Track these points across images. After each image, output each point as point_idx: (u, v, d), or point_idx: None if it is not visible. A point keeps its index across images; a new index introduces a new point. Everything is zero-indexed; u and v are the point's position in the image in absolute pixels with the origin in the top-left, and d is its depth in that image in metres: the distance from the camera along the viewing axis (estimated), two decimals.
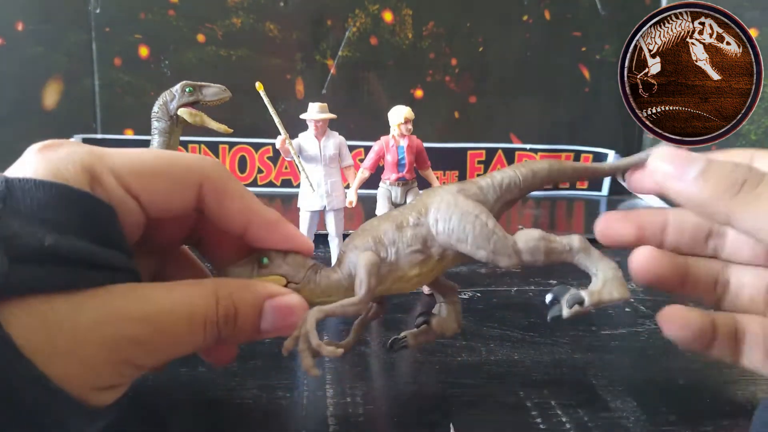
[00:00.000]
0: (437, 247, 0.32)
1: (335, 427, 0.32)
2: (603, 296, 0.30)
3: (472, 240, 0.31)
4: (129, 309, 0.24)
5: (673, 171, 0.30)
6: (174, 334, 0.26)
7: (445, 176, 0.99)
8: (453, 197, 0.32)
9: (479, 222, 0.31)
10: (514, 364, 0.39)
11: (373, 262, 0.31)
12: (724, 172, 0.29)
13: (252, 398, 0.34)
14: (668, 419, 0.33)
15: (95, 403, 0.24)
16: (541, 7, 0.99)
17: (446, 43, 0.98)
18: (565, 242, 0.31)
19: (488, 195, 0.33)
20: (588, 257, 0.31)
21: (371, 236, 0.32)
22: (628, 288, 0.31)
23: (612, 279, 0.31)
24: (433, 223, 0.32)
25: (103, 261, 0.24)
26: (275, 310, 0.29)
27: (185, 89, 0.49)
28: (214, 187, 0.29)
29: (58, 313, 0.22)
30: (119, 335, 0.23)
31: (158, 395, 0.34)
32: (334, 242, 0.56)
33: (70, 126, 0.92)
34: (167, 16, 0.92)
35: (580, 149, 1.02)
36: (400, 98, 0.81)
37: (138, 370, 0.25)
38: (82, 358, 0.22)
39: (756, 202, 0.28)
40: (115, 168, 0.26)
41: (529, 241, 0.31)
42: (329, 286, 0.31)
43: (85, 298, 0.23)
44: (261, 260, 0.30)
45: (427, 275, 0.32)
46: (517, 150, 1.01)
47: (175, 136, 0.50)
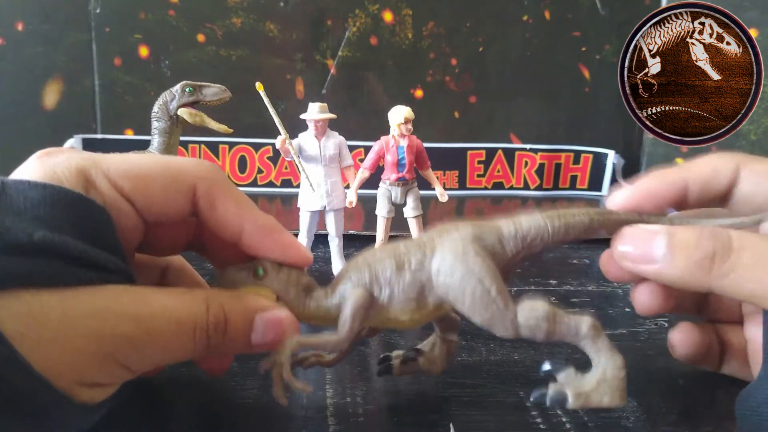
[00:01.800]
0: (434, 297, 0.30)
1: (335, 427, 0.32)
2: (592, 400, 0.28)
3: (469, 304, 0.29)
4: (118, 306, 0.24)
5: (639, 254, 0.30)
6: (162, 336, 0.26)
7: (445, 176, 0.99)
8: (463, 248, 0.29)
9: (480, 288, 0.28)
10: (514, 364, 0.39)
11: (361, 305, 0.29)
12: (691, 244, 0.29)
13: (252, 398, 0.34)
14: (668, 419, 0.33)
15: (81, 399, 0.24)
16: (541, 7, 0.99)
17: (446, 43, 0.98)
18: (572, 325, 0.28)
19: (507, 247, 0.30)
20: (593, 345, 0.29)
21: (369, 271, 0.30)
22: (625, 396, 0.28)
23: (610, 380, 0.28)
24: (435, 272, 0.29)
25: (95, 260, 0.24)
26: (266, 323, 0.28)
27: (185, 89, 0.49)
28: (207, 191, 0.29)
29: (45, 304, 0.22)
30: (106, 330, 0.24)
31: (158, 395, 0.34)
32: (334, 242, 0.56)
33: (70, 126, 0.92)
34: (167, 16, 0.92)
35: (580, 149, 1.02)
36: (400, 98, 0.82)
37: (126, 371, 0.25)
38: (66, 349, 0.23)
39: (732, 273, 0.28)
40: (110, 172, 0.27)
41: (530, 319, 0.28)
42: (317, 311, 0.30)
43: (75, 293, 0.23)
44: (257, 270, 0.30)
45: (421, 320, 0.31)
46: (517, 150, 1.01)
47: (175, 136, 0.50)
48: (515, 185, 1.02)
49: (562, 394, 0.28)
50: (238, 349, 0.29)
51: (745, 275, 0.28)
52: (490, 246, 0.30)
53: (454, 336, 0.35)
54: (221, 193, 0.29)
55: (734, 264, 0.28)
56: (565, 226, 0.30)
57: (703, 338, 0.36)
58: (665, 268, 0.29)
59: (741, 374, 0.37)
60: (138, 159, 0.29)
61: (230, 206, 0.29)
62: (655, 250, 0.29)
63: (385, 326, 0.31)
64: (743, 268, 0.28)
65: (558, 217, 0.30)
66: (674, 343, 0.37)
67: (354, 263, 0.31)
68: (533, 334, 0.28)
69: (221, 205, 0.29)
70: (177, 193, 0.29)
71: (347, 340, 0.29)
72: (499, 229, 0.30)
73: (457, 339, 0.35)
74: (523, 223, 0.30)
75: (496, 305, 0.28)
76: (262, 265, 0.30)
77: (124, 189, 0.27)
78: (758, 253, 0.28)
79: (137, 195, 0.27)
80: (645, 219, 0.31)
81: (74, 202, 0.25)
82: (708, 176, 0.32)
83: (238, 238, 0.30)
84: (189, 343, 0.27)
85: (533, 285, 0.55)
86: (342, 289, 0.30)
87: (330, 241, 0.57)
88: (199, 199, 0.29)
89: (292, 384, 0.28)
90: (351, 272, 0.30)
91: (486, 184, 1.01)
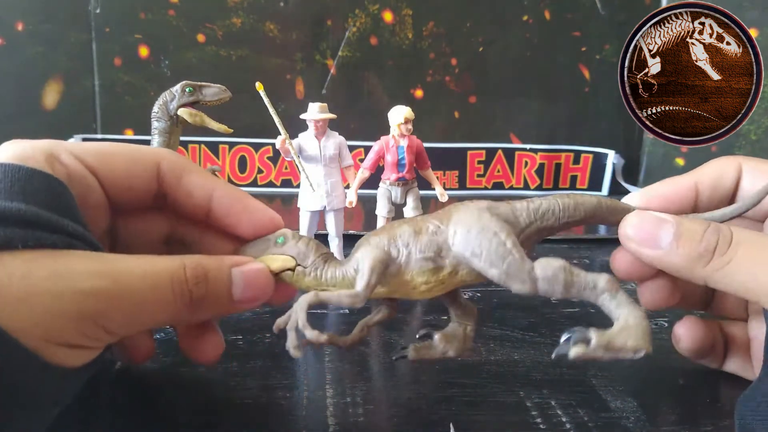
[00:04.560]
0: (451, 259, 0.31)
1: (335, 427, 0.32)
2: (615, 341, 0.28)
3: (486, 256, 0.29)
4: (86, 265, 0.25)
5: (646, 238, 0.31)
6: (137, 291, 0.26)
7: (445, 176, 0.99)
8: (478, 212, 0.31)
9: (497, 239, 0.29)
10: (514, 364, 0.39)
11: (380, 259, 0.30)
12: (696, 237, 0.30)
13: (252, 398, 0.34)
14: (668, 419, 0.33)
15: (60, 362, 0.24)
16: (541, 7, 0.99)
17: (446, 43, 0.98)
18: (589, 279, 0.29)
19: (520, 217, 0.31)
20: (613, 299, 0.29)
21: (387, 234, 0.31)
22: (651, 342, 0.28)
23: (634, 327, 0.28)
24: (452, 233, 0.30)
25: (54, 224, 0.25)
26: (244, 275, 0.29)
27: (185, 89, 0.49)
28: (172, 167, 0.31)
29: (8, 264, 0.23)
30: (75, 288, 0.24)
31: (158, 395, 0.34)
32: (334, 242, 0.56)
33: (70, 126, 0.92)
34: (167, 16, 0.92)
35: (580, 149, 1.02)
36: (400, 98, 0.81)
37: (105, 332, 0.25)
38: (33, 307, 0.23)
39: (727, 267, 0.29)
40: (74, 149, 0.29)
41: (547, 269, 0.29)
42: (334, 276, 0.31)
43: (37, 254, 0.24)
44: (277, 239, 0.31)
45: (435, 287, 0.31)
46: (517, 150, 1.01)
47: (174, 136, 0.50)
48: (515, 185, 1.02)
49: (586, 336, 0.28)
50: (222, 307, 0.29)
51: (737, 269, 0.29)
52: (502, 214, 0.31)
53: (471, 322, 0.34)
54: (186, 167, 0.31)
55: (729, 257, 0.29)
56: (574, 203, 0.32)
57: (707, 333, 0.37)
58: (668, 255, 0.30)
59: (743, 372, 0.37)
60: (104, 143, 0.31)
61: (195, 177, 0.31)
62: (662, 237, 0.30)
63: (401, 292, 0.32)
64: (736, 262, 0.29)
65: (567, 195, 0.32)
66: (679, 336, 0.37)
67: (371, 233, 0.32)
68: (551, 286, 0.29)
69: (186, 176, 0.31)
70: (141, 169, 0.30)
71: (364, 295, 0.30)
72: (512, 203, 0.32)
73: (472, 325, 0.34)
74: (535, 199, 0.32)
75: (513, 256, 0.29)
76: (282, 234, 0.31)
77: (88, 161, 0.29)
78: (753, 248, 0.29)
79: (102, 168, 0.29)
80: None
81: (30, 176, 0.26)
82: (715, 178, 0.34)
83: (207, 208, 0.31)
84: (169, 297, 0.27)
85: None
86: (359, 255, 0.31)
87: (330, 241, 0.57)
88: (165, 175, 0.30)
89: (307, 330, 0.29)
90: (369, 239, 0.31)
91: (486, 184, 1.01)
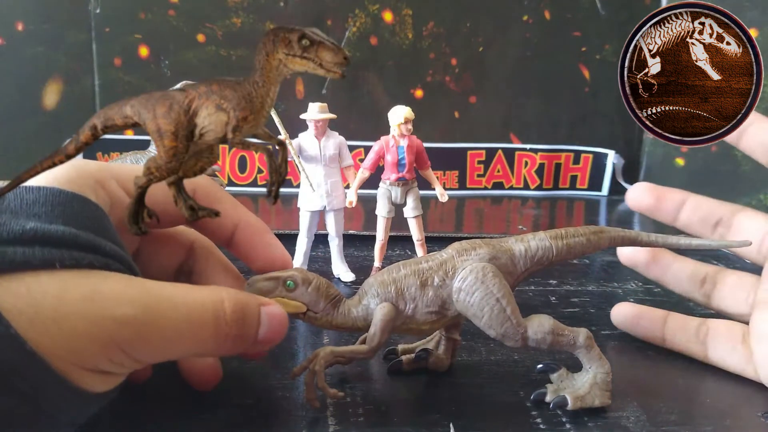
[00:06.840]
0: (453, 311, 0.34)
1: (335, 427, 0.32)
2: (586, 402, 0.33)
3: (486, 320, 0.33)
4: (120, 290, 0.25)
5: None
6: (171, 323, 0.26)
7: (445, 176, 0.99)
8: (482, 271, 0.33)
9: (498, 307, 0.32)
10: (514, 364, 0.39)
11: (389, 318, 0.33)
12: None
13: (252, 398, 0.34)
14: (668, 419, 0.33)
15: (84, 385, 0.24)
16: (541, 7, 0.99)
17: (446, 43, 0.99)
18: (571, 337, 0.33)
19: (518, 265, 0.35)
20: (587, 354, 0.34)
21: (395, 287, 0.33)
22: (611, 396, 0.34)
23: (600, 384, 0.34)
24: (456, 290, 0.33)
25: (90, 244, 0.25)
26: (270, 317, 0.30)
27: None
28: (207, 191, 0.33)
29: (44, 283, 0.23)
30: (107, 314, 0.24)
31: (158, 395, 0.34)
32: (334, 242, 0.56)
33: (70, 126, 0.91)
34: (167, 16, 0.92)
35: (580, 149, 1.02)
36: (400, 98, 0.82)
37: (132, 360, 0.25)
38: (65, 329, 0.23)
39: None
40: (120, 176, 0.31)
41: (538, 333, 0.33)
42: (345, 321, 0.34)
43: (73, 276, 0.24)
44: (287, 284, 0.33)
45: (437, 327, 0.35)
46: (517, 150, 1.01)
47: None
48: (515, 185, 1.02)
49: (563, 399, 0.33)
50: (246, 346, 0.29)
51: None
52: (504, 265, 0.34)
53: (457, 334, 0.38)
54: (219, 193, 0.34)
55: None
56: (566, 246, 0.35)
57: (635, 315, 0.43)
58: None
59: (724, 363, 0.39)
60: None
61: (227, 204, 0.33)
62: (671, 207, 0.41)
63: (406, 332, 0.35)
64: None
65: (561, 238, 0.35)
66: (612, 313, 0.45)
67: (380, 278, 0.34)
68: (538, 345, 0.33)
69: (218, 203, 0.32)
70: None
71: (375, 351, 0.33)
72: (510, 250, 0.35)
73: (459, 338, 0.38)
74: (531, 243, 0.35)
75: (510, 322, 0.33)
76: (292, 279, 0.33)
77: (129, 188, 0.29)
78: None
79: None
80: (637, 236, 0.37)
81: (69, 200, 0.27)
82: None
83: (231, 234, 0.33)
84: (207, 333, 0.27)
85: (534, 285, 0.55)
86: (369, 303, 0.34)
87: (330, 241, 0.57)
88: (199, 199, 0.31)
89: (326, 391, 0.32)
90: (377, 287, 0.34)
91: (486, 184, 1.01)
